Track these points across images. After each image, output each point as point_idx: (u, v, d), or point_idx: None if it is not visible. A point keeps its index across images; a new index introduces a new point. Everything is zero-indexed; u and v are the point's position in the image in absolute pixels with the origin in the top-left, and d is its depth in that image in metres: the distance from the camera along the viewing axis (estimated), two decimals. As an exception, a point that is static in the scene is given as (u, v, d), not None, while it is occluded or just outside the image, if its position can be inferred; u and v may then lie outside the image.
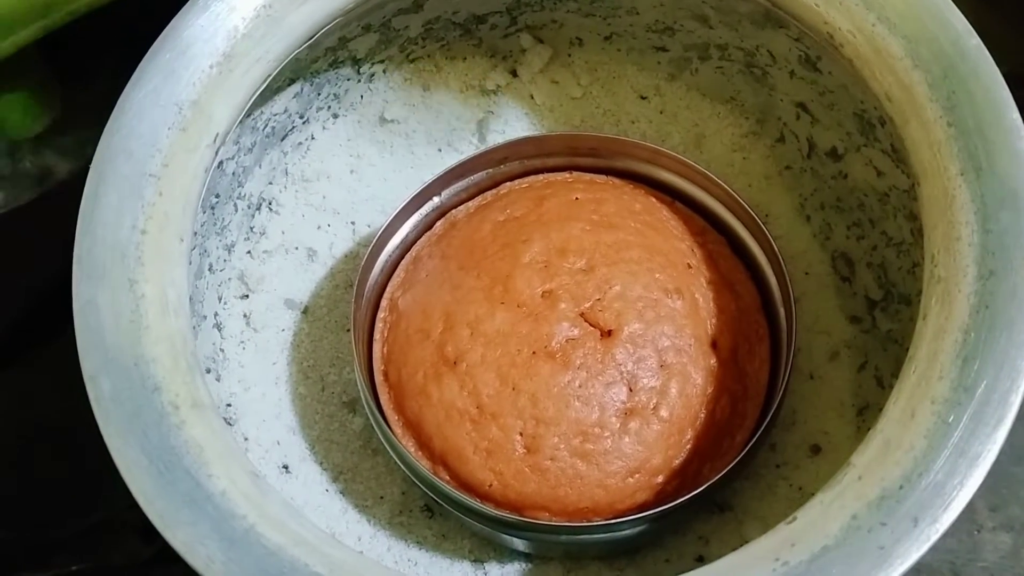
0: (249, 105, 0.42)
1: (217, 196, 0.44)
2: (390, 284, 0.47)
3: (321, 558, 0.33)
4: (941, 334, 0.34)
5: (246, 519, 0.33)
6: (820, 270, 0.47)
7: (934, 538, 0.32)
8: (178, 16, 0.40)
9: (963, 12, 0.39)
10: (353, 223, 0.49)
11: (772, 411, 0.42)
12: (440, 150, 0.50)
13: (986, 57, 0.37)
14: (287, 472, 0.45)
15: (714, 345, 0.43)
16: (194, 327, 0.43)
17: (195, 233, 0.42)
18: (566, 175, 0.48)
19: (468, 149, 0.50)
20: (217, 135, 0.40)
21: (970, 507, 0.50)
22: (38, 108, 0.58)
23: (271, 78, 0.42)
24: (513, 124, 0.51)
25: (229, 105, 0.40)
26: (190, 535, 0.33)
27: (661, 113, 0.50)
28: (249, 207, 0.47)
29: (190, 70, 0.39)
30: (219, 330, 0.46)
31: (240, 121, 0.42)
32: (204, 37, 0.40)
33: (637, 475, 0.41)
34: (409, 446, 0.43)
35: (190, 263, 0.42)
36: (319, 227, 0.49)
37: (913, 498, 0.32)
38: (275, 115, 0.46)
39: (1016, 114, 0.36)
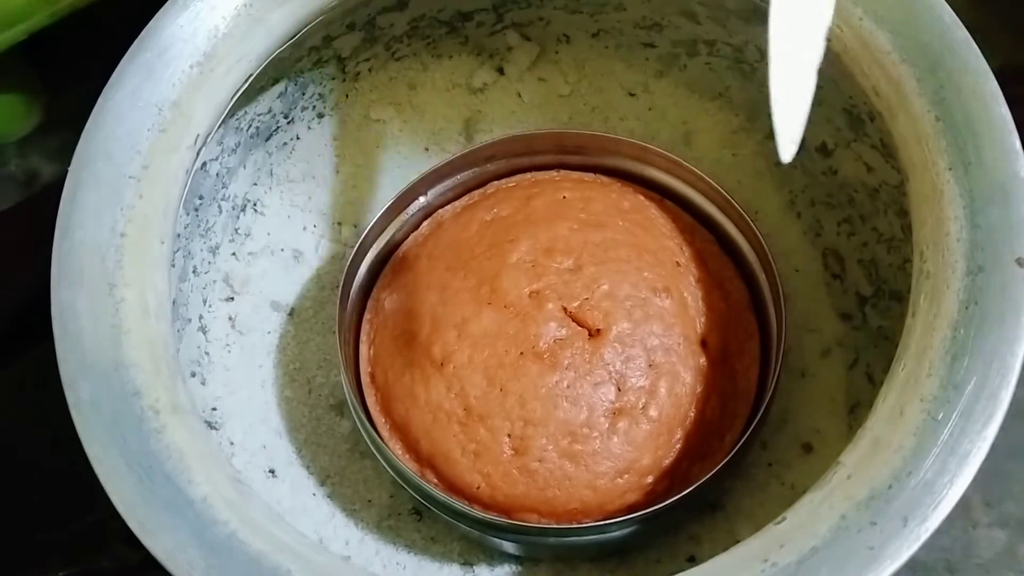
0: (231, 105, 0.41)
1: (201, 198, 0.44)
2: (376, 285, 0.46)
3: (304, 564, 0.33)
4: (930, 331, 0.34)
5: (228, 525, 0.33)
6: (811, 267, 0.47)
7: (924, 537, 0.31)
8: (157, 16, 0.39)
9: (954, 6, 0.38)
10: (339, 224, 0.49)
11: (762, 410, 0.41)
12: (427, 149, 0.50)
13: (974, 50, 0.37)
14: (274, 476, 0.44)
15: (703, 344, 0.43)
16: (179, 330, 0.43)
17: (178, 235, 0.42)
18: (553, 174, 0.47)
19: (455, 148, 0.50)
20: (198, 136, 0.39)
21: (965, 503, 0.50)
22: (23, 111, 0.57)
23: (253, 78, 0.42)
24: (500, 122, 0.50)
25: (210, 106, 0.40)
26: (171, 542, 0.33)
27: (650, 110, 0.50)
28: (234, 208, 0.47)
29: (170, 70, 0.39)
30: (204, 333, 0.45)
31: (223, 122, 0.42)
32: (184, 37, 0.39)
33: (626, 476, 0.41)
34: (396, 449, 0.43)
35: (173, 266, 0.42)
36: (305, 228, 0.48)
37: (902, 497, 0.32)
38: (259, 115, 0.45)
39: (1005, 108, 0.36)
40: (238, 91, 0.41)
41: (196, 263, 0.45)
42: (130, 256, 0.37)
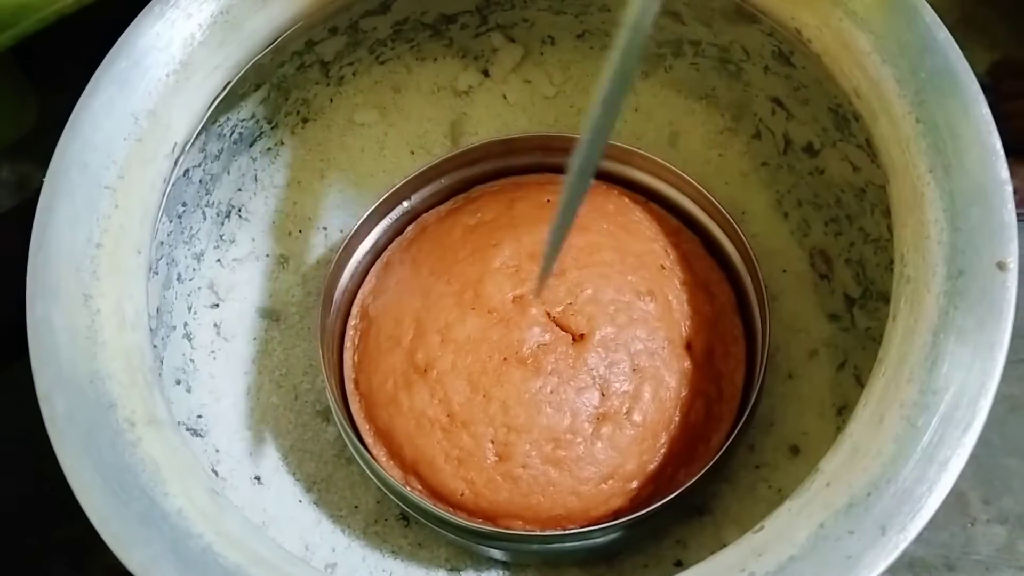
0: (212, 112, 0.41)
1: (184, 205, 0.44)
2: (361, 290, 0.46)
3: (281, 576, 0.33)
4: (910, 336, 0.34)
5: (203, 538, 0.33)
6: (798, 267, 0.46)
7: (902, 546, 0.31)
8: (133, 24, 0.39)
9: (952, 0, 0.38)
10: (325, 229, 0.49)
11: (747, 412, 0.41)
12: (412, 152, 0.50)
13: (955, 50, 0.36)
14: (259, 483, 0.44)
15: (688, 347, 0.43)
16: (163, 338, 0.43)
17: (161, 243, 0.42)
18: (538, 177, 0.47)
19: (441, 151, 0.49)
20: (176, 144, 0.39)
21: (963, 500, 0.50)
22: (14, 116, 0.57)
23: (234, 84, 0.42)
24: (486, 125, 0.50)
25: (187, 113, 0.40)
26: (145, 556, 0.32)
27: (636, 111, 0.49)
28: (218, 215, 0.46)
29: (146, 79, 0.39)
30: (189, 340, 0.45)
31: (204, 128, 0.41)
32: (159, 45, 0.39)
33: (611, 481, 0.41)
34: (380, 456, 0.42)
35: (157, 273, 0.42)
36: (290, 233, 0.48)
37: (881, 505, 0.32)
38: (242, 121, 0.45)
39: (986, 109, 0.35)
40: (216, 99, 0.41)
41: (180, 270, 0.45)
42: (106, 266, 0.36)
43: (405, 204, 0.46)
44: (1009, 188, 0.34)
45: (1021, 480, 0.50)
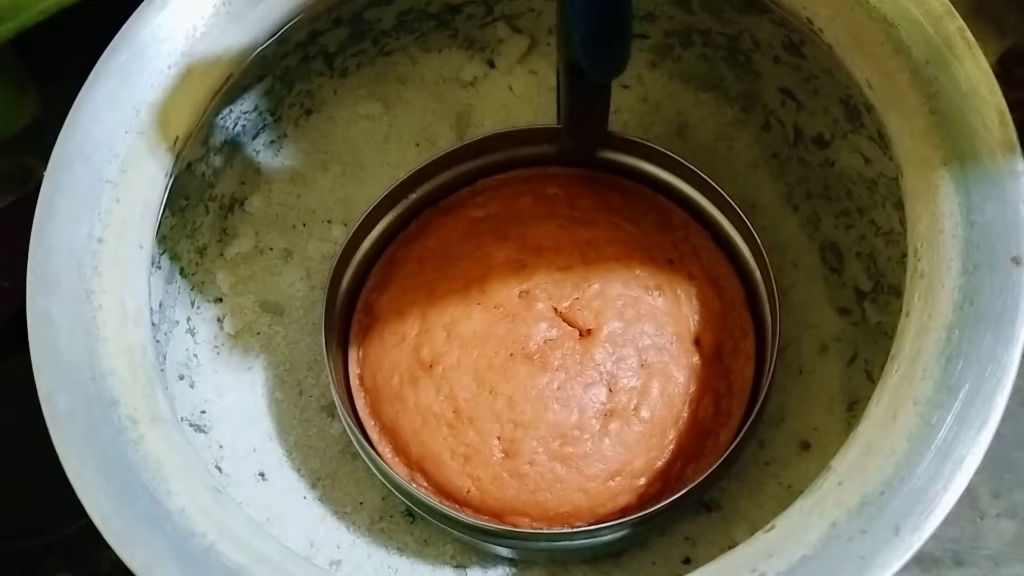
0: (214, 104, 0.41)
1: (187, 199, 0.43)
2: (366, 285, 0.45)
3: (285, 576, 0.33)
4: (924, 331, 0.33)
5: (206, 537, 0.33)
6: (808, 261, 0.46)
7: (916, 546, 0.30)
8: (134, 16, 0.39)
9: (962, -12, 0.37)
10: (329, 222, 0.48)
11: (757, 408, 0.41)
12: (417, 145, 0.49)
13: (969, 40, 0.36)
14: (264, 479, 0.44)
15: (697, 342, 0.42)
16: (166, 333, 0.42)
17: (164, 237, 0.42)
18: (544, 169, 0.46)
19: (446, 143, 0.49)
20: (178, 137, 0.39)
21: (973, 494, 0.50)
22: (16, 109, 0.57)
23: (237, 76, 0.41)
24: (491, 116, 0.49)
25: (189, 106, 0.39)
26: (148, 556, 0.32)
27: (644, 102, 0.49)
28: (221, 208, 0.46)
29: (147, 71, 0.38)
30: (192, 335, 0.44)
31: (207, 121, 0.41)
32: (161, 37, 0.39)
33: (618, 478, 0.40)
34: (386, 452, 0.42)
35: (160, 268, 0.41)
36: (294, 227, 0.48)
37: (894, 504, 0.31)
38: (245, 113, 0.45)
39: (1002, 100, 0.35)
40: (219, 91, 0.40)
41: (183, 264, 0.44)
42: (107, 262, 0.36)
43: (411, 197, 0.46)
44: (1025, 181, 0.34)
45: (1031, 473, 0.50)
